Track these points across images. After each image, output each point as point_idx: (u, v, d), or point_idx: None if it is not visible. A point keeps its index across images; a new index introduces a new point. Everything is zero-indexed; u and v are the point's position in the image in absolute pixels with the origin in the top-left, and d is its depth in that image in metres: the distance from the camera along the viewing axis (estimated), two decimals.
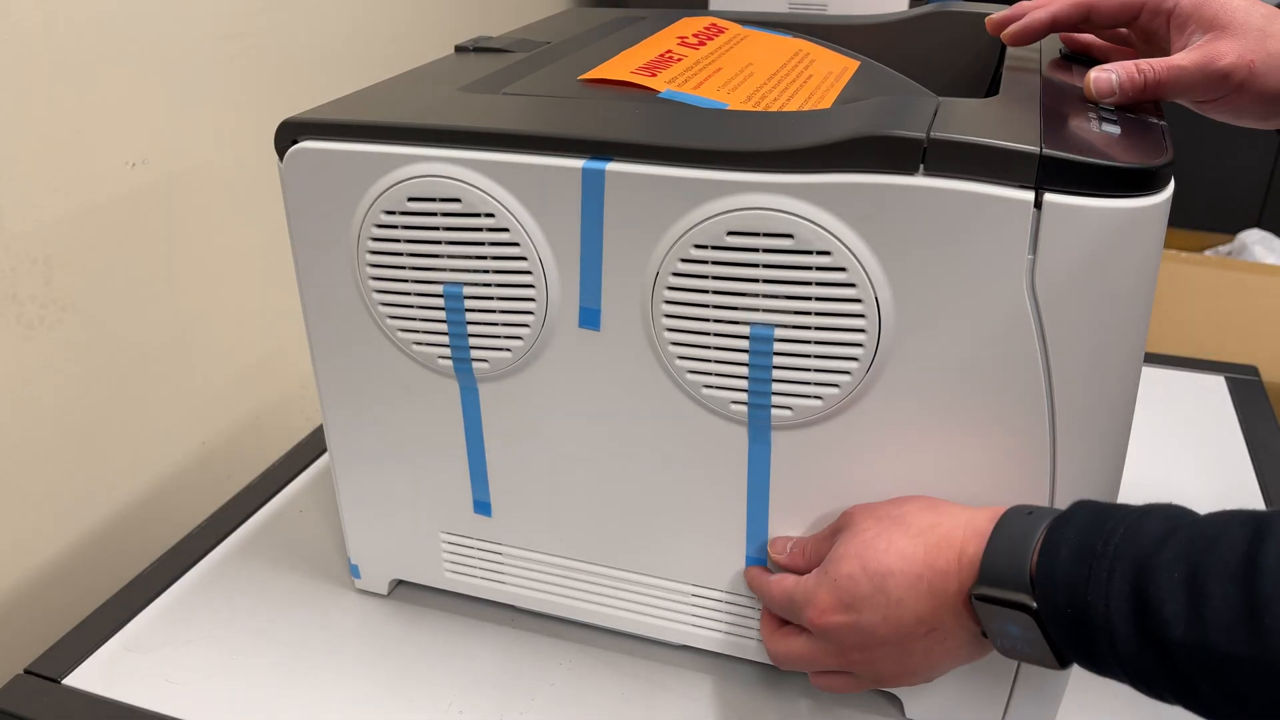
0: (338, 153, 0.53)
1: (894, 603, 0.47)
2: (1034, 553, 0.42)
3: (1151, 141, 0.46)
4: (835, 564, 0.49)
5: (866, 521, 0.49)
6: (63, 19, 0.78)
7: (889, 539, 0.47)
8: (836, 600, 0.48)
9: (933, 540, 0.46)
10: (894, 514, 0.49)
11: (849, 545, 0.49)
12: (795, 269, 0.48)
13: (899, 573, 0.46)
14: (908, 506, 0.49)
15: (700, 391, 0.52)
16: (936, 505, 0.49)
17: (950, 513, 0.47)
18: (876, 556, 0.47)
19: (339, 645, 0.64)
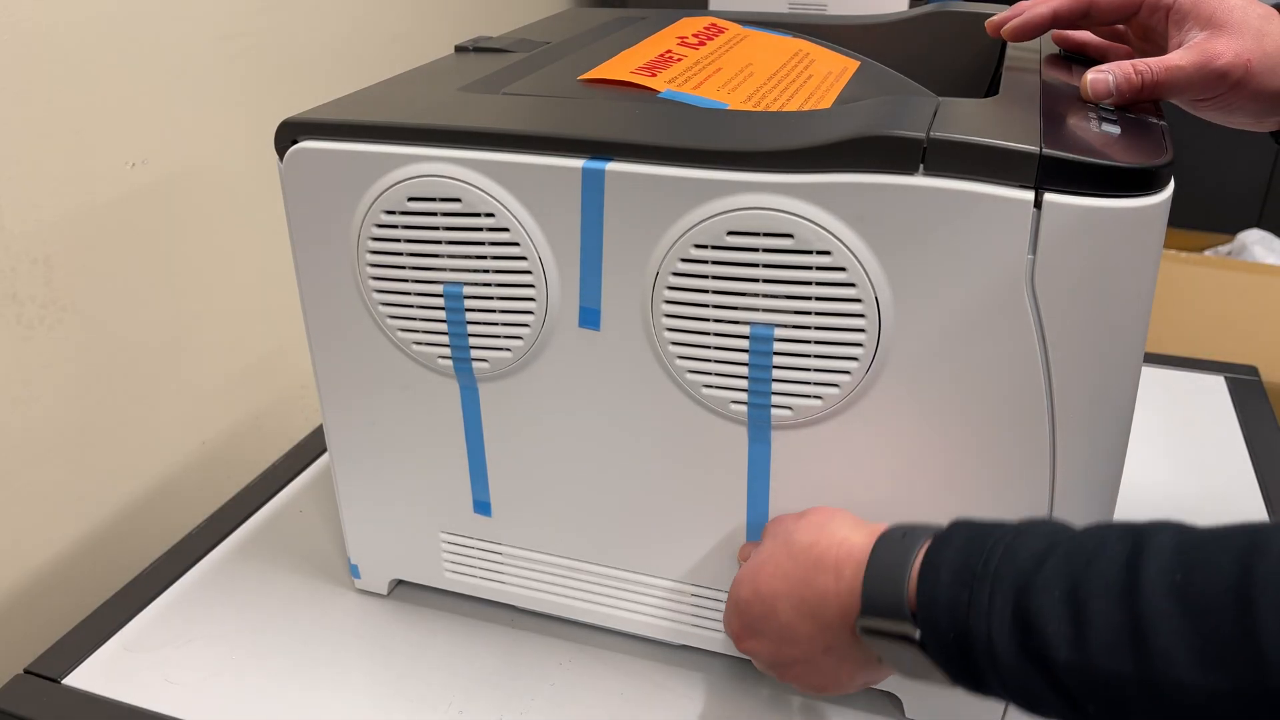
0: (338, 153, 0.53)
1: (785, 625, 0.47)
2: (911, 578, 0.41)
3: (1151, 141, 0.46)
4: (736, 586, 0.50)
5: (766, 539, 0.50)
6: (63, 19, 0.78)
7: (776, 560, 0.48)
8: (742, 625, 0.50)
9: (809, 561, 0.46)
10: (785, 530, 0.49)
11: (747, 567, 0.50)
12: (795, 269, 0.48)
13: (783, 595, 0.47)
14: (798, 523, 0.49)
15: (700, 391, 0.52)
16: (823, 523, 0.48)
17: (830, 530, 0.47)
18: (765, 579, 0.48)
19: (339, 645, 0.64)
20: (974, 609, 0.38)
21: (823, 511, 0.50)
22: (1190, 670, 0.32)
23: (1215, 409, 0.90)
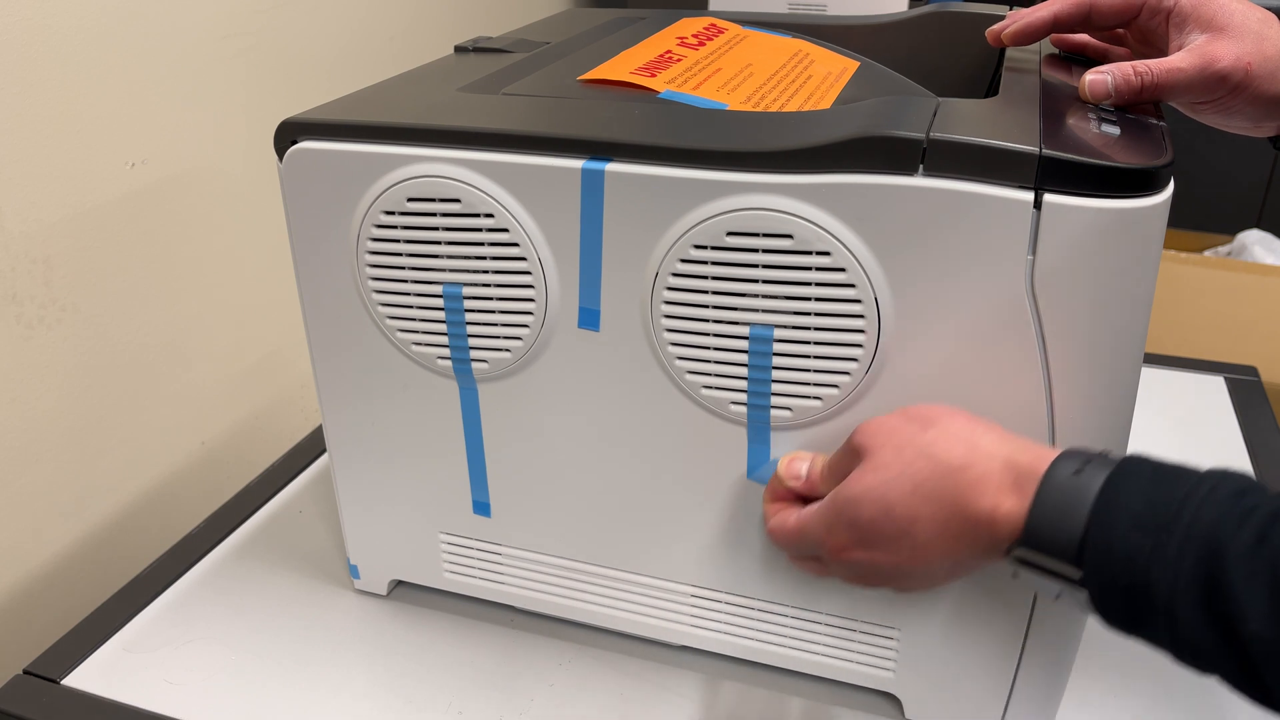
0: (337, 153, 0.53)
1: (920, 545, 0.44)
2: (1086, 519, 0.39)
3: (1151, 142, 0.46)
4: (855, 505, 0.45)
5: (886, 453, 0.44)
6: (63, 19, 0.78)
7: (914, 479, 0.43)
8: (856, 538, 0.45)
9: (964, 483, 0.42)
10: (919, 444, 0.44)
11: (868, 482, 0.44)
12: (795, 269, 0.48)
13: (926, 518, 0.43)
14: (937, 437, 0.44)
15: (699, 392, 0.52)
16: (969, 438, 0.43)
17: (984, 450, 0.43)
18: (902, 500, 0.43)
19: (339, 645, 0.64)
20: (1157, 561, 0.36)
21: (954, 418, 0.45)
22: None
23: (1215, 409, 0.90)
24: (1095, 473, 0.40)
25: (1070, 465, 0.41)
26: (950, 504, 0.42)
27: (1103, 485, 0.39)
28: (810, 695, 0.60)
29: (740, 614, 0.59)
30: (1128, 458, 0.40)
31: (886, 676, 0.58)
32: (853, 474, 0.45)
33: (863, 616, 0.57)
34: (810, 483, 0.50)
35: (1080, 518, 0.39)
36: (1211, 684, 0.61)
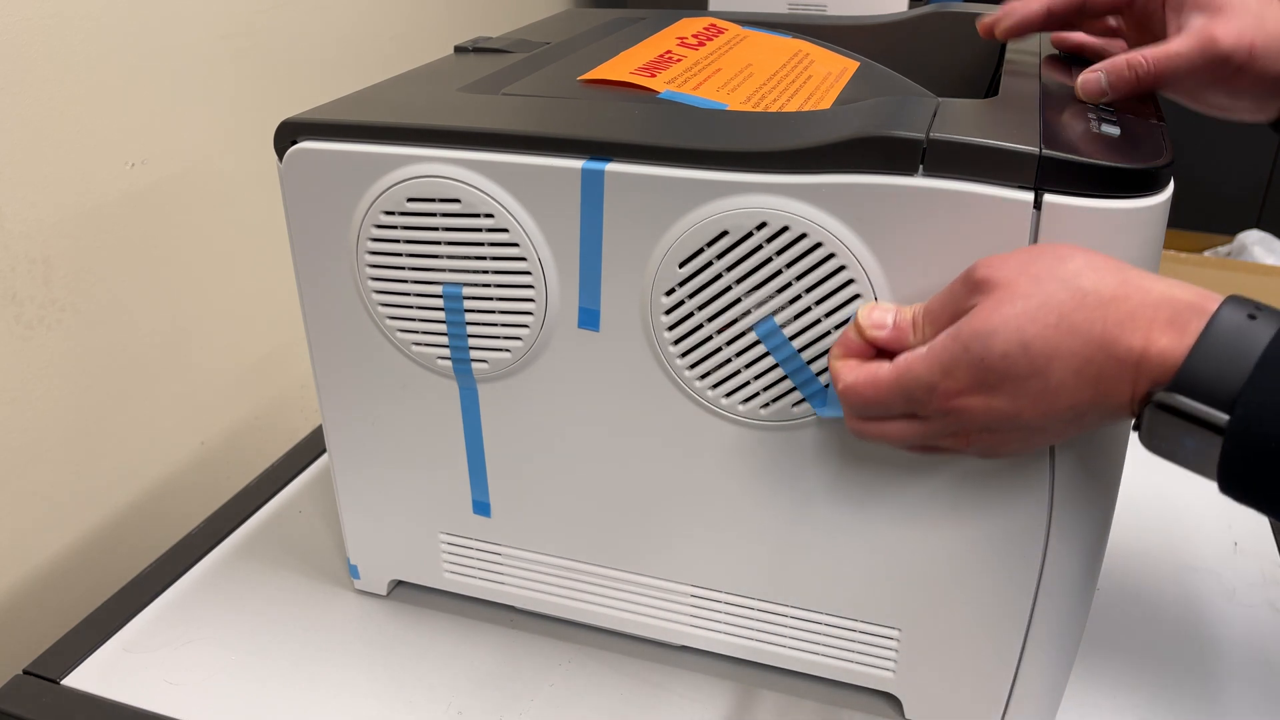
0: (337, 153, 0.53)
1: (1052, 389, 0.39)
2: (1253, 366, 0.35)
3: (1151, 142, 0.46)
4: (986, 339, 0.39)
5: (1023, 282, 0.39)
6: (63, 19, 0.78)
7: (1059, 309, 0.38)
8: (978, 380, 0.40)
9: (1116, 316, 0.37)
10: (1061, 275, 0.39)
11: (1005, 313, 0.39)
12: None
13: (1066, 354, 0.38)
14: (1077, 265, 0.39)
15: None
16: (1116, 268, 0.39)
17: (1137, 283, 0.38)
18: (1042, 334, 0.38)
19: (339, 645, 0.64)
20: None
21: (1093, 252, 0.40)
22: None
23: None
24: (1270, 320, 0.36)
25: (1242, 309, 0.36)
26: (1098, 339, 0.37)
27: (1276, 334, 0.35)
28: (810, 695, 0.60)
29: (740, 614, 0.59)
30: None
31: (886, 676, 0.58)
32: (980, 307, 0.39)
33: (863, 616, 0.57)
34: (899, 331, 0.43)
35: (1248, 364, 0.35)
36: (1211, 684, 0.61)
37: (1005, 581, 0.52)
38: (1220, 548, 0.73)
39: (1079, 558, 0.51)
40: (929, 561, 0.53)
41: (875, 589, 0.55)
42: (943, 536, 0.52)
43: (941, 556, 0.53)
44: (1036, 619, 0.53)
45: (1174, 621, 0.66)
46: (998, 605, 0.53)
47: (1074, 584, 0.52)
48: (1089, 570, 0.52)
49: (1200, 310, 0.37)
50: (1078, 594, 0.52)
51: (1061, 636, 0.54)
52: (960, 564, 0.53)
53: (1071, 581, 0.52)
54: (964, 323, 0.40)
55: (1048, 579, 0.51)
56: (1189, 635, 0.65)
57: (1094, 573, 0.53)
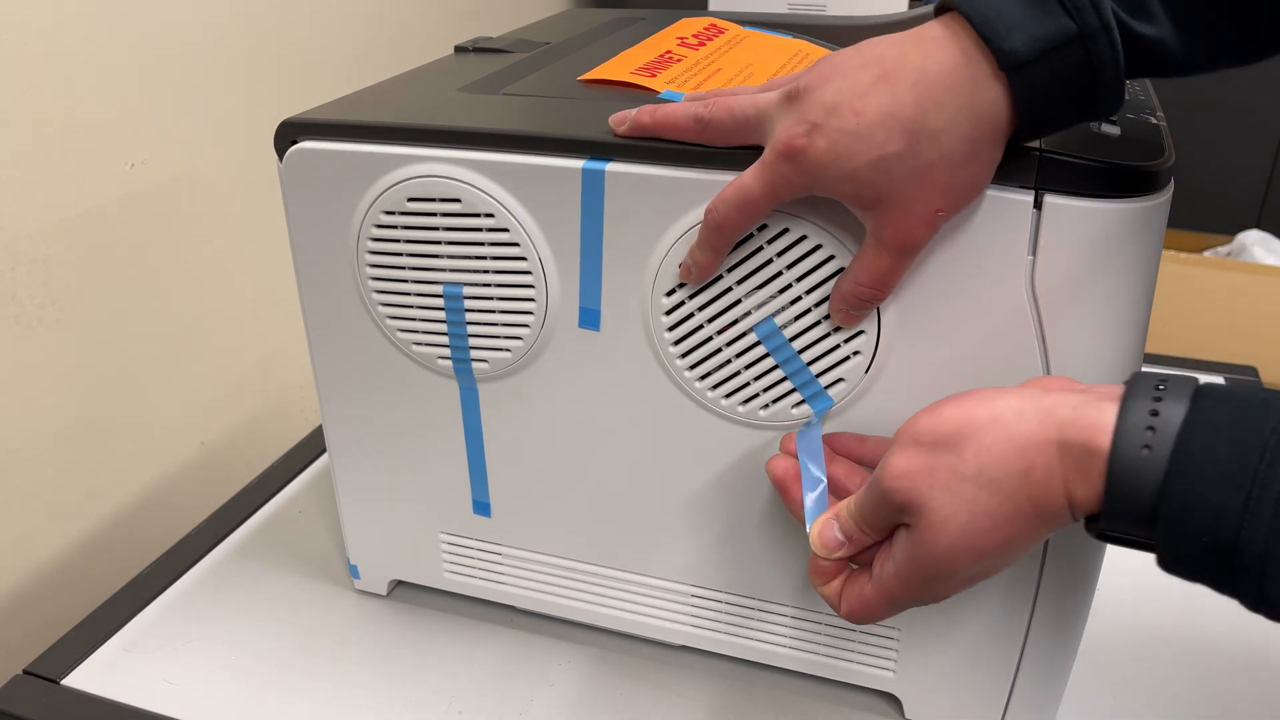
0: (337, 153, 0.53)
1: (1012, 557, 0.41)
2: (1158, 488, 0.35)
3: (1151, 142, 0.46)
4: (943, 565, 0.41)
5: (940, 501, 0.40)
6: (62, 19, 0.78)
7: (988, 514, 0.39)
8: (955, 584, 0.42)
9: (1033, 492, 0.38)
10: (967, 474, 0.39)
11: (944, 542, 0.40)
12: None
13: (1016, 536, 0.39)
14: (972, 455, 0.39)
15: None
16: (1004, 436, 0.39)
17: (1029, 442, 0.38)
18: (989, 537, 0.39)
19: (338, 645, 0.64)
20: (1250, 518, 0.34)
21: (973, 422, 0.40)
22: None
23: None
24: (1165, 436, 0.35)
25: (1135, 439, 0.36)
26: (1029, 515, 0.39)
27: (1179, 433, 0.35)
28: (810, 695, 0.60)
29: (740, 614, 0.59)
30: (1205, 393, 0.36)
31: (886, 676, 0.58)
32: (920, 538, 0.41)
33: None
34: (855, 543, 0.45)
35: (1152, 491, 0.35)
36: (1211, 684, 0.61)
37: (1005, 582, 0.52)
38: None
39: (1078, 558, 0.51)
40: None
41: None
42: None
43: None
44: (1036, 619, 0.53)
45: (1174, 622, 0.66)
46: (998, 605, 0.53)
47: (1074, 584, 0.52)
48: (1089, 570, 0.52)
49: (1095, 456, 0.37)
50: (1077, 594, 0.52)
51: (1061, 636, 0.54)
52: None
53: (1071, 582, 0.52)
54: (916, 553, 0.41)
55: (1048, 579, 0.51)
56: (1189, 635, 0.65)
57: (1094, 573, 0.53)
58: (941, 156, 0.41)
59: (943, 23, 0.41)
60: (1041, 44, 0.39)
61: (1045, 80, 0.39)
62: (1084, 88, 0.40)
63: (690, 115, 0.47)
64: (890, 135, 0.40)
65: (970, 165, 0.41)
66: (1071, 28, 0.39)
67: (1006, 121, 0.40)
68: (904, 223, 0.42)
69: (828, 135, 0.41)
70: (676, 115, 0.47)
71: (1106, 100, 0.40)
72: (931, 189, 0.41)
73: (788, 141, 0.42)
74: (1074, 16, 0.39)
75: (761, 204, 0.44)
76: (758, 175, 0.44)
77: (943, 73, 0.40)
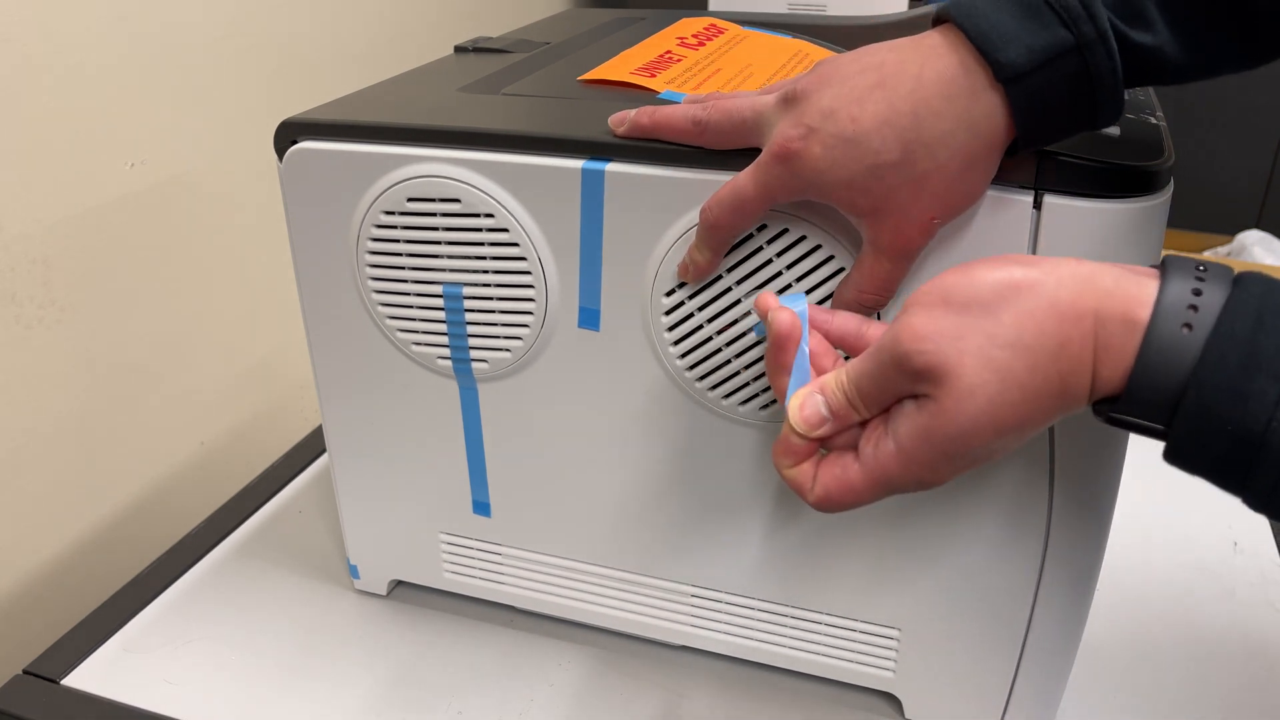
0: (337, 153, 0.53)
1: (1024, 436, 0.38)
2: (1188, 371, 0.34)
3: (1151, 142, 0.46)
4: (961, 440, 0.37)
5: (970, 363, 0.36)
6: (63, 19, 0.78)
7: (1019, 384, 0.36)
8: (959, 467, 0.39)
9: (1065, 368, 0.36)
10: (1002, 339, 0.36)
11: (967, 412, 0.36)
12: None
13: (1036, 415, 0.37)
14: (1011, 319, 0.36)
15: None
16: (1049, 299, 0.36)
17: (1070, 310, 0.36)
18: (1014, 412, 0.37)
19: (338, 645, 0.64)
20: None
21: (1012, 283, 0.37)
22: None
23: None
24: (1206, 316, 0.34)
25: (1176, 315, 0.34)
26: (1055, 394, 0.36)
27: (1215, 323, 0.34)
28: (810, 695, 0.60)
29: (740, 614, 0.59)
30: (1246, 281, 0.35)
31: (886, 676, 0.58)
32: (941, 406, 0.37)
33: (863, 616, 0.57)
34: (840, 420, 0.41)
35: (1185, 372, 0.34)
36: (1211, 684, 0.61)
37: (1005, 582, 0.52)
38: (1220, 548, 0.73)
39: (1078, 558, 0.51)
40: (929, 561, 0.53)
41: (875, 589, 0.55)
42: (943, 536, 0.52)
43: (941, 556, 0.53)
44: (1036, 619, 0.53)
45: (1174, 621, 0.66)
46: (997, 605, 0.53)
47: (1074, 584, 0.52)
48: (1089, 570, 0.52)
49: (1133, 326, 0.35)
50: (1078, 594, 0.52)
51: (1061, 636, 0.54)
52: (960, 564, 0.53)
53: (1071, 581, 0.52)
54: (932, 426, 0.37)
55: (1048, 579, 0.51)
56: (1189, 635, 0.65)
57: (1094, 573, 0.53)
58: (937, 166, 0.40)
59: (941, 33, 0.41)
60: (1038, 55, 0.38)
61: (1042, 91, 0.39)
62: (1082, 97, 0.39)
63: (688, 117, 0.47)
64: (886, 143, 0.40)
65: (967, 175, 0.41)
66: (1068, 38, 0.38)
67: (1004, 132, 0.40)
68: (899, 230, 0.42)
69: (823, 140, 0.41)
70: (675, 117, 0.47)
71: (1105, 109, 0.40)
72: (927, 197, 0.41)
73: (783, 144, 0.42)
74: (1070, 27, 0.38)
75: (755, 205, 0.44)
76: (752, 177, 0.44)
77: (940, 82, 0.40)
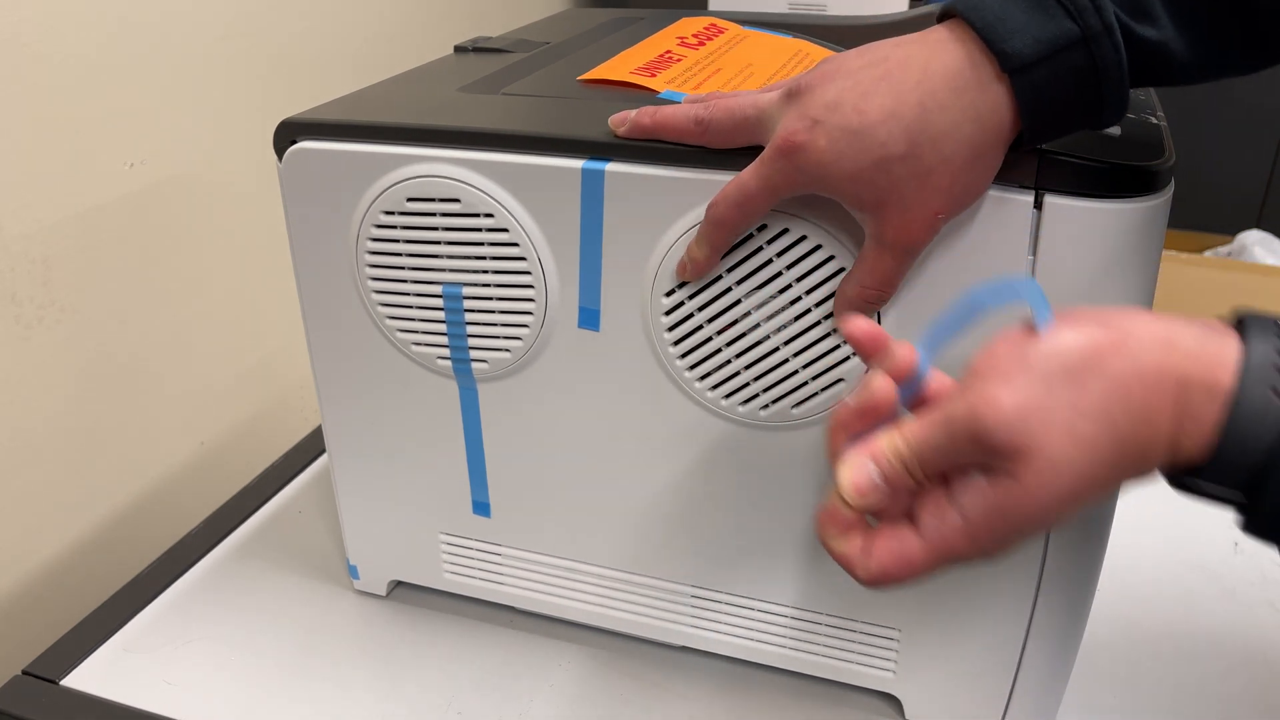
0: (337, 153, 0.53)
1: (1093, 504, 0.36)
2: None
3: (1151, 142, 0.46)
4: (1039, 516, 0.35)
5: (1058, 442, 0.34)
6: (62, 19, 0.78)
7: (1106, 460, 0.34)
8: (1017, 532, 0.36)
9: (1148, 440, 0.34)
10: (1091, 412, 0.34)
11: (1051, 490, 0.34)
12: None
13: (1112, 481, 0.35)
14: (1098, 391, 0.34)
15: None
16: (1133, 369, 0.34)
17: (1152, 377, 0.34)
18: (1095, 486, 0.35)
19: (338, 646, 0.64)
20: None
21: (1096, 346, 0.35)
22: None
23: None
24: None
25: (1264, 378, 0.33)
26: (1133, 465, 0.35)
27: None
28: (810, 695, 0.60)
29: (740, 614, 0.59)
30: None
31: (886, 676, 0.58)
32: (1017, 486, 0.35)
33: (863, 617, 0.57)
34: (894, 488, 0.38)
35: (1274, 439, 0.32)
36: (1211, 683, 0.61)
37: (1005, 581, 0.52)
38: (1220, 547, 0.73)
39: (1079, 558, 0.51)
40: None
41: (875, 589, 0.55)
42: None
43: None
44: (1036, 619, 0.53)
45: (1174, 621, 0.66)
46: (998, 605, 0.53)
47: (1074, 584, 0.52)
48: (1089, 570, 0.52)
49: (1216, 392, 0.33)
50: (1078, 594, 0.52)
51: (1061, 636, 0.54)
52: None
53: (1071, 581, 0.52)
54: (1008, 504, 0.35)
55: (1048, 579, 0.51)
56: (1189, 635, 0.65)
57: (1094, 573, 0.53)
58: (943, 160, 0.40)
59: (947, 27, 0.41)
60: (1044, 46, 0.39)
61: (1048, 82, 0.39)
62: (1088, 90, 0.39)
63: (690, 117, 0.47)
64: (892, 136, 0.40)
65: (972, 169, 0.41)
66: (1074, 30, 0.38)
67: (1010, 125, 0.40)
68: (903, 224, 0.42)
69: (829, 133, 0.40)
70: (676, 116, 0.47)
71: (1111, 103, 0.40)
72: (932, 192, 0.41)
73: (787, 138, 0.42)
74: (1076, 19, 0.38)
75: (760, 200, 0.44)
76: (756, 172, 0.44)
77: (947, 75, 0.40)
